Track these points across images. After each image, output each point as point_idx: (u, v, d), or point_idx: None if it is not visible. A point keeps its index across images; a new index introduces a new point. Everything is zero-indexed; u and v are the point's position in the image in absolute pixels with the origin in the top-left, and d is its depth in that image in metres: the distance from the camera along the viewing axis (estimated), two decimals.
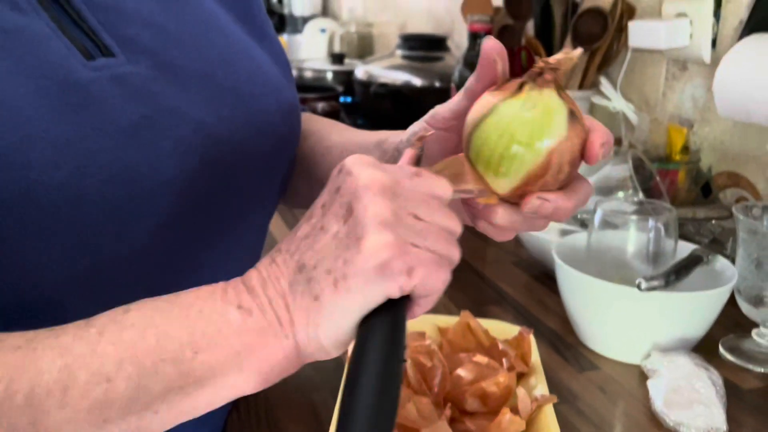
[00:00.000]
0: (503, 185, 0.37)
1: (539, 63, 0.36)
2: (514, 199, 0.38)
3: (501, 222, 0.38)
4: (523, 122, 0.35)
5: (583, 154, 0.36)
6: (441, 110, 0.42)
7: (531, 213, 0.37)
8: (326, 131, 0.59)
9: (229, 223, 0.46)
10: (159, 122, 0.39)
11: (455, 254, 0.33)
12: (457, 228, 0.34)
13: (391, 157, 0.48)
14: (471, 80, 0.39)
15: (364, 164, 0.33)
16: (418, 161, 0.38)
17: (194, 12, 0.46)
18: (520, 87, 0.36)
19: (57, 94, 0.36)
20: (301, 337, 0.32)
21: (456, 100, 0.41)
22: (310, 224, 0.33)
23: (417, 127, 0.45)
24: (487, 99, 0.37)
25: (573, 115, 0.36)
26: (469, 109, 0.38)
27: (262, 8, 0.55)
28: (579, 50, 0.36)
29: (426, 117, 0.44)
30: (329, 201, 0.33)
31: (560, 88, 0.36)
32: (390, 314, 0.32)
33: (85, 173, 0.35)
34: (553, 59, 0.36)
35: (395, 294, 0.31)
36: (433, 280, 0.32)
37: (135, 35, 0.41)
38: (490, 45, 0.37)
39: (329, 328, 0.32)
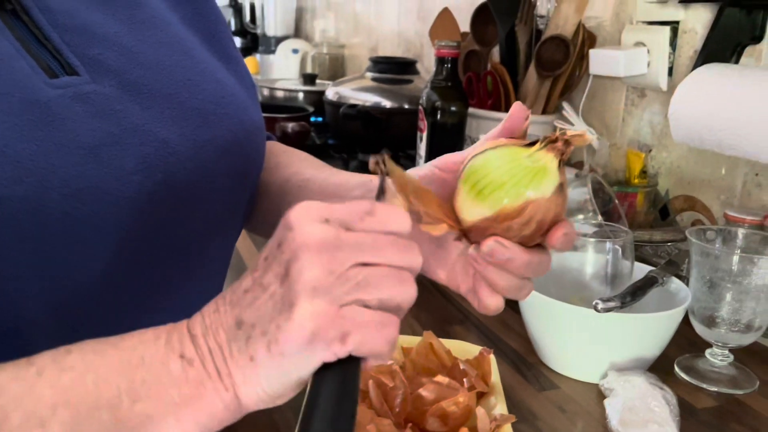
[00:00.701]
0: (475, 212, 0.39)
1: (559, 133, 0.39)
2: (475, 236, 0.40)
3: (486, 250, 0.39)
4: (521, 167, 0.38)
5: (547, 231, 0.38)
6: (456, 156, 0.45)
7: (487, 253, 0.38)
8: (303, 165, 0.60)
9: (193, 242, 0.46)
10: (123, 140, 0.40)
11: (407, 295, 0.33)
12: (415, 262, 0.34)
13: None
14: (494, 130, 0.42)
15: (306, 218, 0.33)
16: (381, 192, 0.38)
17: (160, 34, 0.47)
18: (532, 143, 0.39)
19: (19, 112, 0.36)
20: (241, 392, 0.33)
21: (472, 147, 0.44)
22: (253, 278, 0.34)
23: (421, 170, 0.46)
24: (500, 140, 0.41)
25: (561, 188, 0.38)
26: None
27: (228, 31, 0.56)
28: (593, 137, 0.39)
29: (436, 161, 0.45)
30: (271, 256, 0.33)
31: (562, 162, 0.39)
32: (340, 371, 0.32)
33: (47, 187, 0.36)
34: (570, 133, 0.39)
35: (331, 359, 0.32)
36: (373, 343, 0.32)
37: (100, 55, 0.42)
38: (520, 107, 0.41)
39: (268, 385, 0.33)
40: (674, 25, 0.95)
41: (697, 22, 0.92)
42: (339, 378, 0.32)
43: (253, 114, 0.52)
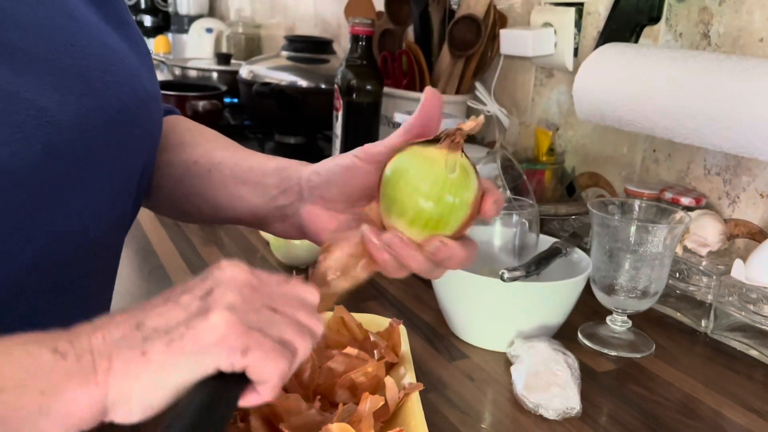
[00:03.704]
0: (420, 236, 0.42)
1: (454, 129, 0.41)
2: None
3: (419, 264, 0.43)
4: (453, 183, 0.41)
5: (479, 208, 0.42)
6: (376, 146, 0.46)
7: (431, 252, 0.42)
8: (212, 146, 0.58)
9: (81, 218, 0.44)
10: None
11: (303, 347, 0.36)
12: (317, 328, 0.38)
13: (296, 184, 0.51)
14: (411, 120, 0.44)
15: (237, 265, 0.37)
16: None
17: None
18: (435, 141, 0.41)
19: None
20: (113, 391, 0.33)
21: (394, 136, 0.45)
22: (164, 298, 0.36)
23: (342, 160, 0.48)
24: (413, 148, 0.42)
25: (476, 171, 0.42)
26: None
27: None
28: (482, 118, 0.42)
29: (356, 151, 0.47)
30: (192, 285, 0.36)
31: (463, 149, 0.42)
32: (219, 388, 0.34)
33: None
34: (466, 126, 0.41)
35: (226, 368, 0.34)
36: (269, 366, 0.34)
37: None
38: (433, 94, 0.43)
39: (146, 386, 0.33)
40: (579, 7, 0.98)
41: (600, 3, 0.95)
42: (218, 391, 0.33)
43: (146, 82, 0.49)
